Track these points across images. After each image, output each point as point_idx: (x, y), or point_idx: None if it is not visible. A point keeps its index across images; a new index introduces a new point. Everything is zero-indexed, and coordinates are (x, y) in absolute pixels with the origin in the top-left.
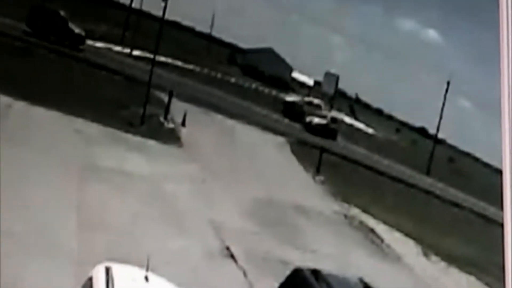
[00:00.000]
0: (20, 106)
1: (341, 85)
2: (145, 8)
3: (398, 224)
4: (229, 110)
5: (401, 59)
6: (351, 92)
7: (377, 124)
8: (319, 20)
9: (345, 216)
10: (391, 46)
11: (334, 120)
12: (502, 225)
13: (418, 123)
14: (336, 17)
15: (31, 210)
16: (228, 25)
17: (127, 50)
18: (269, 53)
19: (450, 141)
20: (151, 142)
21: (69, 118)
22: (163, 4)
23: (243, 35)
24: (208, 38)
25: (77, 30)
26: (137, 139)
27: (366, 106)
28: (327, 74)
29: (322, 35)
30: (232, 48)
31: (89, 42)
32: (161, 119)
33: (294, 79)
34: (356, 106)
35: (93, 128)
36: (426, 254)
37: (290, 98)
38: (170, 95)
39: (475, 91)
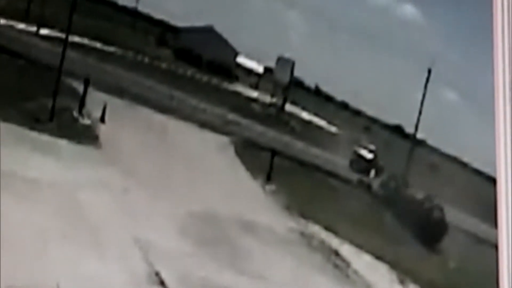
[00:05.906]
0: None
1: (297, 73)
2: None
3: (368, 245)
4: (159, 102)
5: (371, 41)
6: (309, 81)
7: (341, 121)
8: None
9: (302, 234)
10: (359, 25)
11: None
12: (496, 246)
13: (392, 120)
14: None
15: None
16: None
17: (33, 28)
18: (208, 33)
19: (431, 142)
20: (62, 142)
21: None
22: None
23: (176, 10)
24: (134, 14)
25: None
26: (45, 137)
27: (328, 99)
28: (280, 60)
29: (274, 10)
30: (163, 27)
31: None
32: (75, 113)
33: (239, 65)
34: (316, 99)
35: None
36: (402, 282)
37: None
38: (86, 84)
39: (462, 80)
